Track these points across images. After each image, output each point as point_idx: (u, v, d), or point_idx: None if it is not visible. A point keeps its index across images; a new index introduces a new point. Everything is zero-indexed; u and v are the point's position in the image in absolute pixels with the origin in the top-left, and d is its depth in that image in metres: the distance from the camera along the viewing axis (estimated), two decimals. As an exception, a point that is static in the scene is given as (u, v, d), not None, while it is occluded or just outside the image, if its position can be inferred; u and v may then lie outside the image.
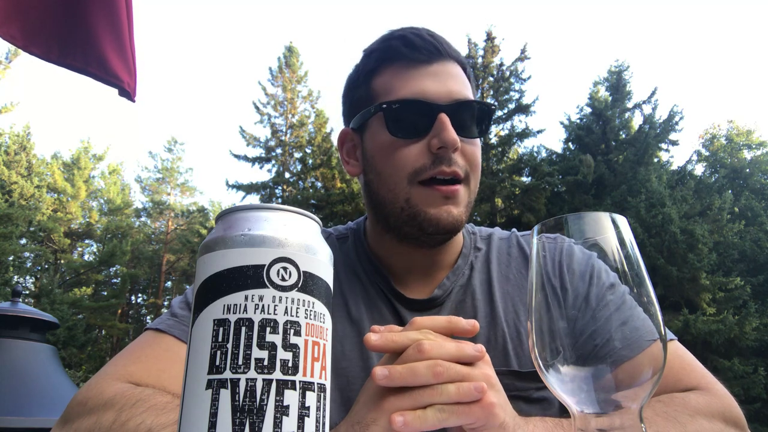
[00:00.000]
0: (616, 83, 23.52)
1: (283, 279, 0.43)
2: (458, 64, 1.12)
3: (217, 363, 0.41)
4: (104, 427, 0.78)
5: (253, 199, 24.29)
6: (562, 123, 24.23)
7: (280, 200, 24.90)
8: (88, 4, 1.78)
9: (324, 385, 0.44)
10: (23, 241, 25.84)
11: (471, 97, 1.10)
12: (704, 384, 0.98)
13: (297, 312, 0.43)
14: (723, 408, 0.93)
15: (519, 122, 22.54)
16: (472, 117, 1.07)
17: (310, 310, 0.44)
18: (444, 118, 1.02)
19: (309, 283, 0.45)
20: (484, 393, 0.66)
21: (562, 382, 0.52)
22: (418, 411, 0.65)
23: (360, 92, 1.14)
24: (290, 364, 0.42)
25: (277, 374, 0.41)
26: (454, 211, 1.04)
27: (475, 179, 1.10)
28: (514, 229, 1.28)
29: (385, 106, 1.06)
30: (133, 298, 32.97)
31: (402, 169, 1.04)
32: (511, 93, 22.46)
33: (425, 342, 0.68)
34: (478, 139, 1.10)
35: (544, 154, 23.89)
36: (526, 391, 1.03)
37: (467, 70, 1.15)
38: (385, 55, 1.11)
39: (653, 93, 22.98)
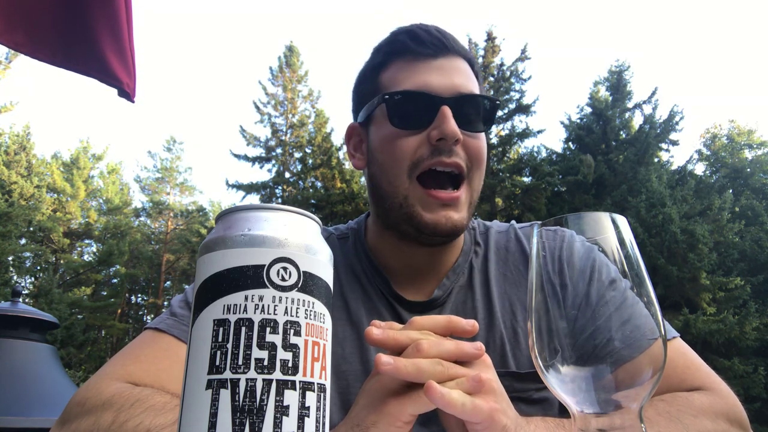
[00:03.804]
0: (617, 83, 23.51)
1: (283, 279, 0.43)
2: (466, 60, 1.13)
3: (217, 363, 0.41)
4: (103, 428, 0.78)
5: (253, 199, 24.29)
6: (562, 123, 24.24)
7: (280, 200, 24.89)
8: (88, 7, 1.79)
9: (324, 385, 0.44)
10: (23, 241, 25.83)
11: (476, 91, 1.10)
12: (708, 384, 0.97)
13: (297, 312, 0.43)
14: (727, 408, 0.93)
15: (519, 122, 22.55)
16: (477, 111, 1.08)
17: (310, 310, 0.44)
18: (446, 110, 1.03)
19: (309, 283, 0.45)
20: (483, 384, 0.66)
21: (562, 383, 0.52)
22: (444, 388, 0.63)
23: (367, 86, 1.16)
24: (290, 364, 0.41)
25: (277, 374, 0.41)
26: (454, 217, 1.04)
27: (479, 176, 1.09)
28: (513, 222, 1.28)
29: (387, 97, 1.08)
30: (132, 298, 32.96)
31: (401, 159, 1.05)
32: (512, 93, 22.45)
33: (423, 341, 0.68)
34: (483, 134, 1.10)
35: (544, 154, 23.89)
36: (526, 392, 1.03)
37: (475, 67, 1.15)
38: (393, 49, 1.12)
39: (653, 93, 22.99)
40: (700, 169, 28.19)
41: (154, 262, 31.60)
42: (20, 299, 2.96)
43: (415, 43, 1.09)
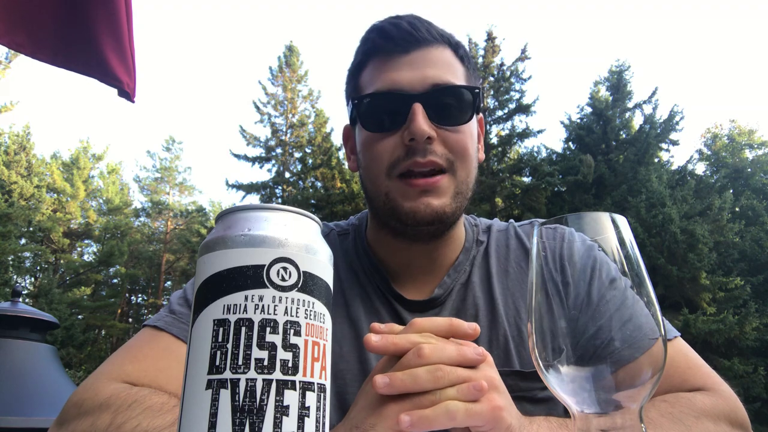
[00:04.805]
0: (617, 83, 23.50)
1: (283, 279, 0.43)
2: (448, 45, 1.08)
3: (217, 363, 0.41)
4: (100, 429, 0.77)
5: (253, 199, 24.28)
6: (562, 123, 24.23)
7: (280, 200, 24.88)
8: (88, 7, 1.79)
9: (324, 385, 0.44)
10: (23, 241, 25.82)
11: (454, 81, 1.04)
12: (710, 384, 0.97)
13: (297, 312, 0.43)
14: (728, 410, 0.92)
15: (519, 122, 22.55)
16: (456, 101, 1.03)
17: (310, 310, 0.44)
18: (416, 108, 0.99)
19: (309, 283, 0.45)
20: (484, 392, 0.65)
21: (562, 383, 0.52)
22: (426, 410, 0.64)
23: (350, 89, 1.15)
24: (290, 364, 0.41)
25: (277, 374, 0.41)
26: (434, 203, 1.01)
27: (464, 167, 1.05)
28: (511, 220, 1.26)
29: (356, 101, 1.06)
30: (132, 298, 32.96)
31: (379, 163, 1.03)
32: (512, 93, 22.45)
33: (425, 346, 0.67)
34: (467, 125, 1.05)
35: (544, 154, 23.87)
36: (531, 392, 1.01)
37: (460, 51, 1.10)
38: (366, 49, 1.10)
39: (654, 93, 22.98)
40: (700, 169, 28.21)
41: (154, 262, 31.59)
42: (20, 299, 2.96)
43: (385, 41, 1.05)
